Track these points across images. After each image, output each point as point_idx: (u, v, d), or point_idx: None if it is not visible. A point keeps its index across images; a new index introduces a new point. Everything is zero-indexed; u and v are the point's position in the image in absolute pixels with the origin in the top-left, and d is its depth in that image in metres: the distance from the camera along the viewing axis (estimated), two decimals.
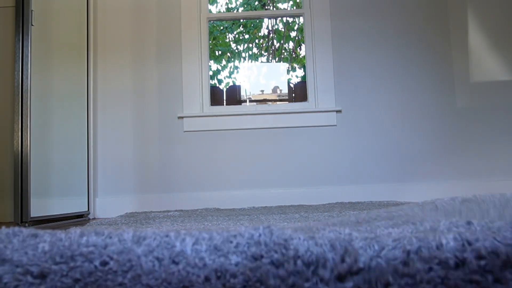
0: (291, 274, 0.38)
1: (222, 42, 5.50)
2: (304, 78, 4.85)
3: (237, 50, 5.51)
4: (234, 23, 5.40)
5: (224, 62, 5.45)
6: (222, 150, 2.66)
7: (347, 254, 0.41)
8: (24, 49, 2.03)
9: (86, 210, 2.47)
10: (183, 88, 2.70)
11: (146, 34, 2.74)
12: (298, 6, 4.80)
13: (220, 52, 5.46)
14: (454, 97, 2.68)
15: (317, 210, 1.88)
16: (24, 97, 2.00)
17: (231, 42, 5.56)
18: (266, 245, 0.37)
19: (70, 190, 2.35)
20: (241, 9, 5.57)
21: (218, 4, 5.38)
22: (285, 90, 4.48)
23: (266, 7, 5.52)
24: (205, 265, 0.35)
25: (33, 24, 2.07)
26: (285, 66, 5.34)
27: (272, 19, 5.55)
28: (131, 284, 0.34)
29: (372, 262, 0.38)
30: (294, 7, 5.13)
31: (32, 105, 2.03)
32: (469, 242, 0.38)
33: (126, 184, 2.63)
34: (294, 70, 5.37)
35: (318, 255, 0.38)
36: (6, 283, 0.32)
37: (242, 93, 4.42)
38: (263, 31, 5.62)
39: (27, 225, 1.94)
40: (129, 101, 2.70)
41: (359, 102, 2.69)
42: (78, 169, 2.42)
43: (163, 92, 2.71)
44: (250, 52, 5.60)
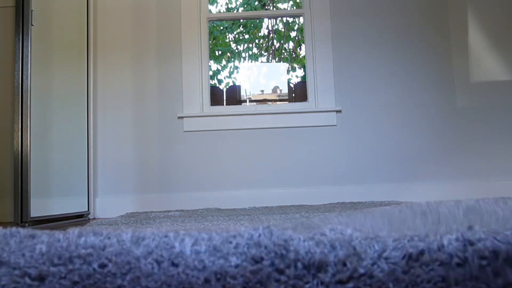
0: (292, 277, 0.37)
1: (222, 42, 5.50)
2: (304, 78, 4.85)
3: (237, 50, 5.50)
4: (234, 23, 5.40)
5: (224, 62, 5.45)
6: (222, 150, 2.66)
7: (348, 255, 0.40)
8: (24, 49, 2.02)
9: (86, 210, 2.46)
10: (183, 88, 2.70)
11: (146, 34, 2.74)
12: (298, 6, 4.80)
13: (220, 52, 5.46)
14: (454, 97, 2.68)
15: (317, 210, 1.88)
16: (24, 97, 2.00)
17: (231, 42, 5.55)
18: (266, 246, 0.37)
19: (70, 190, 2.34)
20: (241, 9, 5.56)
21: (218, 4, 5.38)
22: (285, 90, 4.48)
23: (266, 7, 5.52)
24: (204, 267, 0.35)
25: (33, 24, 2.07)
26: (285, 66, 5.33)
27: (272, 19, 5.54)
28: (130, 286, 0.33)
29: (373, 264, 0.38)
30: (294, 7, 5.13)
31: (32, 105, 2.03)
32: (470, 242, 0.38)
33: (126, 184, 2.63)
34: (294, 70, 5.37)
35: (319, 257, 0.38)
36: (4, 286, 0.31)
37: (242, 93, 4.41)
38: (263, 31, 5.62)
39: (27, 225, 1.93)
40: (129, 101, 2.69)
41: (359, 102, 2.69)
42: (78, 169, 2.41)
43: (163, 92, 2.70)
44: (250, 52, 5.59)
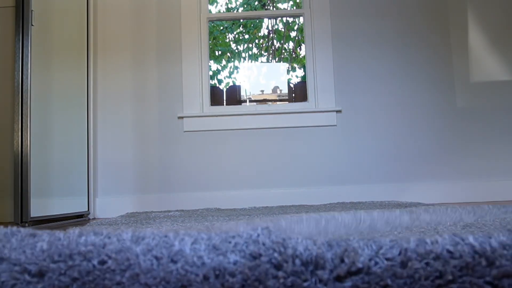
0: (290, 274, 0.38)
1: (222, 42, 5.50)
2: (304, 78, 4.85)
3: (237, 50, 5.51)
4: (234, 23, 5.40)
5: (224, 62, 5.45)
6: (222, 150, 2.66)
7: (346, 254, 0.41)
8: (24, 49, 2.03)
9: (86, 210, 2.47)
10: (183, 88, 2.70)
11: (146, 34, 2.74)
12: (298, 6, 4.80)
13: (220, 52, 5.46)
14: (454, 97, 2.68)
15: (318, 210, 1.88)
16: (24, 97, 2.00)
17: (231, 42, 5.56)
18: (264, 243, 0.37)
19: (70, 190, 2.35)
20: (241, 9, 5.57)
21: (218, 4, 5.38)
22: (285, 90, 4.48)
23: (266, 7, 5.52)
24: (203, 263, 0.35)
25: (33, 24, 2.07)
26: (285, 66, 5.33)
27: (272, 19, 5.55)
28: (129, 283, 0.33)
29: (370, 259, 0.38)
30: (294, 7, 5.13)
31: (32, 105, 2.03)
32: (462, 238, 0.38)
33: (126, 184, 2.63)
34: (294, 70, 5.37)
35: (317, 253, 0.38)
36: (3, 282, 0.32)
37: (242, 93, 4.41)
38: (263, 31, 5.62)
39: (27, 225, 1.93)
40: (129, 100, 2.70)
41: (359, 102, 2.69)
42: (78, 169, 2.42)
43: (163, 92, 2.71)
44: (250, 52, 5.60)
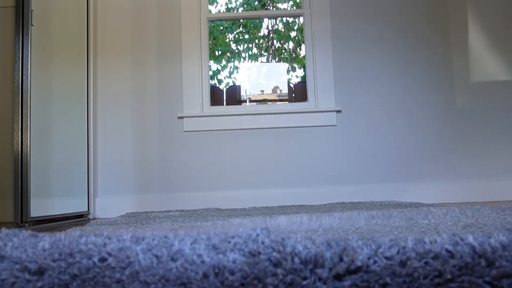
0: (289, 272, 0.38)
1: (222, 42, 5.50)
2: (304, 78, 4.85)
3: (237, 50, 5.51)
4: (234, 23, 5.40)
5: (224, 62, 5.46)
6: (222, 150, 2.67)
7: (345, 253, 0.41)
8: (24, 49, 2.03)
9: (86, 210, 2.47)
10: (183, 88, 2.70)
11: (146, 34, 2.74)
12: (298, 6, 4.80)
13: (220, 52, 5.46)
14: (454, 97, 2.68)
15: (318, 210, 1.88)
16: (24, 97, 2.00)
17: (231, 42, 5.56)
18: (263, 242, 0.37)
19: (70, 190, 2.35)
20: (241, 9, 5.57)
21: (218, 4, 5.39)
22: (285, 90, 4.48)
23: (266, 7, 5.52)
24: (203, 262, 0.35)
25: (33, 24, 2.07)
26: (285, 66, 5.34)
27: (272, 19, 5.55)
28: (129, 280, 0.34)
29: (369, 258, 0.39)
30: (294, 7, 5.13)
31: (32, 105, 2.03)
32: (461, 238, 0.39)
33: (126, 184, 2.63)
34: (294, 70, 5.37)
35: (316, 251, 0.38)
36: (3, 280, 0.32)
37: (242, 93, 4.42)
38: (263, 31, 5.62)
39: (27, 225, 1.94)
40: (129, 101, 2.70)
41: (359, 102, 2.69)
42: (78, 169, 2.42)
43: (163, 92, 2.71)
44: (250, 52, 5.60)
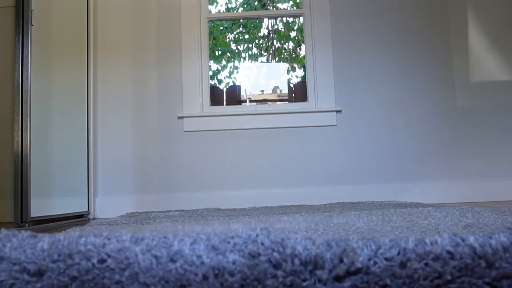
0: (289, 274, 0.38)
1: (222, 42, 5.50)
2: (304, 78, 4.85)
3: (237, 50, 5.51)
4: (234, 23, 5.40)
5: (224, 62, 5.45)
6: (222, 150, 2.66)
7: (345, 254, 0.41)
8: (24, 49, 2.03)
9: (86, 210, 2.47)
10: (183, 88, 2.70)
11: (146, 34, 2.74)
12: (298, 6, 4.80)
13: (220, 52, 5.46)
14: (454, 97, 2.68)
15: (318, 210, 1.88)
16: (24, 97, 2.00)
17: (231, 42, 5.56)
18: (263, 243, 0.37)
19: (70, 190, 2.35)
20: (241, 9, 5.57)
21: (218, 4, 5.38)
22: (285, 90, 4.48)
23: (266, 7, 5.52)
24: (202, 263, 0.35)
25: (33, 24, 2.07)
26: (285, 66, 5.33)
27: (272, 19, 5.55)
28: (128, 282, 0.33)
29: (369, 259, 0.38)
30: (294, 7, 5.13)
31: (32, 105, 2.03)
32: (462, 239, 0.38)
33: (126, 184, 2.63)
34: (294, 70, 5.37)
35: (316, 253, 0.38)
36: (2, 281, 0.32)
37: (242, 93, 4.41)
38: (263, 31, 5.62)
39: (27, 225, 1.94)
40: (129, 100, 2.70)
41: (359, 102, 2.69)
42: (78, 169, 2.42)
43: (163, 92, 2.71)
44: (250, 52, 5.60)
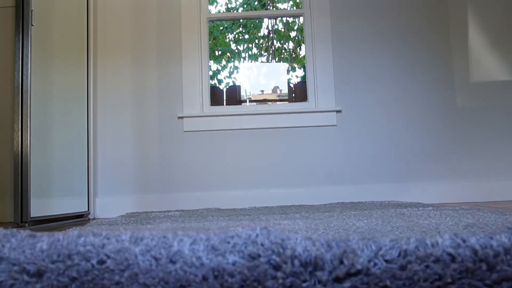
0: (289, 275, 0.38)
1: (222, 42, 5.50)
2: (304, 78, 4.85)
3: (237, 50, 5.51)
4: (234, 23, 5.40)
5: (224, 62, 5.46)
6: (222, 150, 2.66)
7: (345, 255, 0.41)
8: (24, 49, 2.03)
9: (86, 210, 2.47)
10: (183, 88, 2.70)
11: (146, 34, 2.74)
12: (298, 6, 4.81)
13: (220, 52, 5.46)
14: (454, 97, 2.68)
15: (318, 210, 1.88)
16: (24, 97, 2.00)
17: (231, 42, 5.56)
18: (263, 244, 0.37)
19: (70, 190, 2.35)
20: (241, 9, 5.57)
21: (218, 4, 5.38)
22: (285, 90, 4.48)
23: (266, 7, 5.52)
24: (202, 264, 0.35)
25: (33, 24, 2.07)
26: (285, 66, 5.33)
27: (272, 19, 5.55)
28: (128, 282, 0.33)
29: (369, 261, 0.38)
30: (294, 7, 5.13)
31: (32, 105, 2.03)
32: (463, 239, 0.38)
33: (126, 184, 2.63)
34: (294, 70, 5.37)
35: (316, 254, 0.38)
36: (1, 282, 0.32)
37: (242, 93, 4.42)
38: (263, 31, 5.62)
39: (27, 225, 1.94)
40: (129, 100, 2.70)
41: (359, 102, 2.69)
42: (78, 169, 2.42)
43: (163, 92, 2.71)
44: (250, 52, 5.60)
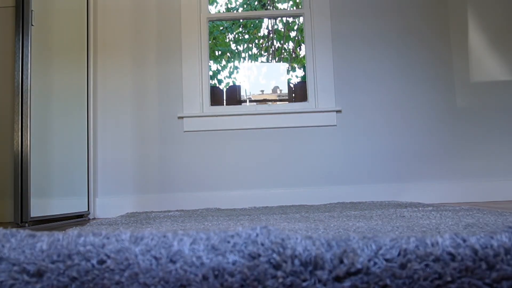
0: (289, 274, 0.38)
1: (222, 42, 5.50)
2: (304, 78, 4.85)
3: (237, 50, 5.51)
4: (234, 23, 5.40)
5: (224, 62, 5.46)
6: (222, 150, 2.66)
7: (345, 255, 0.41)
8: (24, 49, 2.03)
9: (86, 210, 2.47)
10: (183, 88, 2.70)
11: (146, 34, 2.74)
12: (298, 6, 4.81)
13: (220, 52, 5.46)
14: (454, 97, 2.68)
15: (318, 210, 1.88)
16: (24, 97, 2.00)
17: (231, 42, 5.56)
18: (263, 244, 0.37)
19: (70, 190, 2.35)
20: (241, 9, 5.57)
21: (218, 4, 5.38)
22: (285, 90, 4.48)
23: (266, 7, 5.52)
24: (202, 264, 0.35)
25: (33, 24, 2.07)
26: (285, 66, 5.34)
27: (272, 19, 5.55)
28: (128, 282, 0.33)
29: (369, 260, 0.38)
30: (294, 7, 5.13)
31: (32, 105, 2.03)
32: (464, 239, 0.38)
33: (126, 184, 2.63)
34: (294, 70, 5.37)
35: (316, 253, 0.38)
36: (2, 282, 0.32)
37: (242, 93, 4.42)
38: (263, 31, 5.62)
39: (27, 225, 1.94)
40: (129, 100, 2.70)
41: (359, 102, 2.69)
42: (78, 169, 2.42)
43: (163, 92, 2.71)
44: (250, 52, 5.60)
